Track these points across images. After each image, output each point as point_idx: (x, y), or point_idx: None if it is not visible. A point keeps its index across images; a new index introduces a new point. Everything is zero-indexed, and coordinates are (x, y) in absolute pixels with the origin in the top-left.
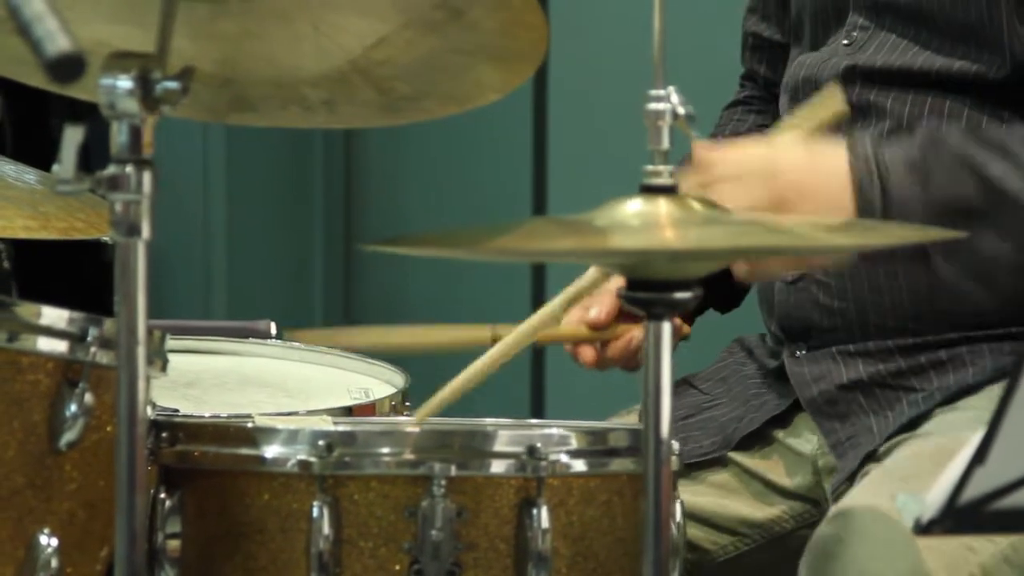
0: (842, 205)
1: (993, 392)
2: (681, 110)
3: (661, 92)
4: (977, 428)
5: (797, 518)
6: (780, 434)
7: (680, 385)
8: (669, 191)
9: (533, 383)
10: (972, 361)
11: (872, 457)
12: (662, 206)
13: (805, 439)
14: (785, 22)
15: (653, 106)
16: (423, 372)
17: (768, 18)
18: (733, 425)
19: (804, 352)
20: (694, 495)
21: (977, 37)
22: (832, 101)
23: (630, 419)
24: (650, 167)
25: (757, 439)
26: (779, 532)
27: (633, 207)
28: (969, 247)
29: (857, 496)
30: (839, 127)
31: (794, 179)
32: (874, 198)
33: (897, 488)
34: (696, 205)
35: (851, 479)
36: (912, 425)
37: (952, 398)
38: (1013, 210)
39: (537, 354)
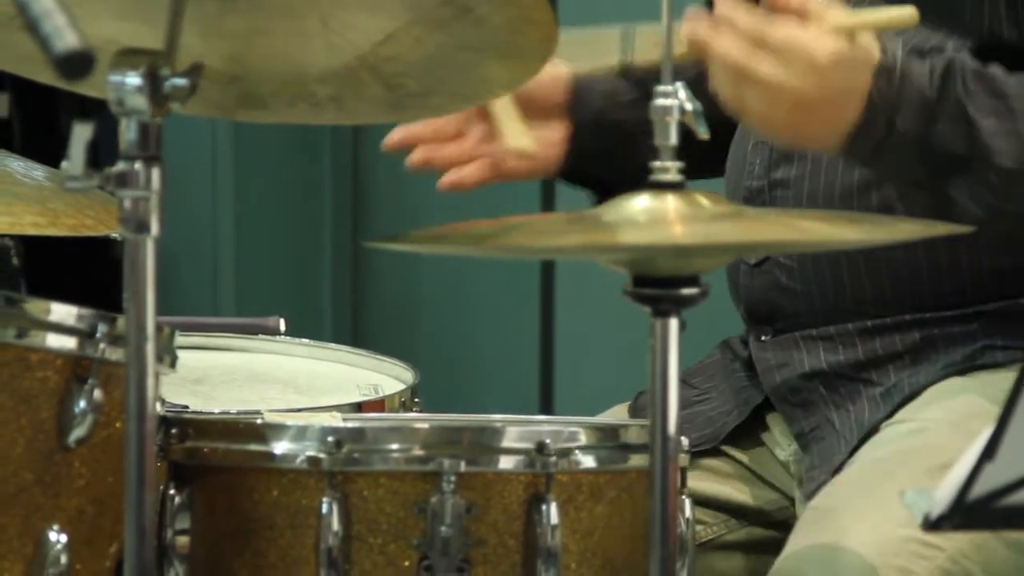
0: (849, 122)
1: (940, 389)
2: (689, 106)
3: (668, 88)
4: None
5: (784, 509)
6: (764, 436)
7: None
8: (677, 187)
9: (542, 378)
10: (926, 356)
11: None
12: (670, 202)
13: (781, 446)
14: None
15: (661, 102)
16: (433, 368)
17: None
18: (722, 420)
19: (769, 337)
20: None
21: (958, 10)
22: (906, 13)
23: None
24: (658, 163)
25: (746, 437)
26: (769, 519)
27: (641, 203)
28: (943, 196)
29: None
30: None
31: (829, 87)
32: (877, 128)
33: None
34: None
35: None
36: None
37: (904, 401)
38: (988, 168)
39: (546, 350)
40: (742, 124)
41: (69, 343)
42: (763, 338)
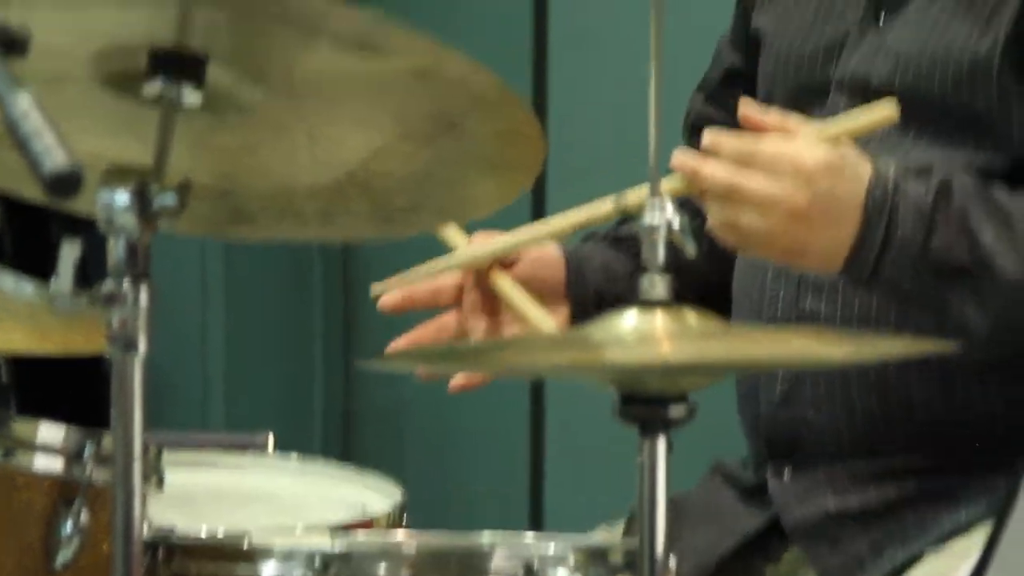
0: (847, 233)
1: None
2: (676, 223)
3: (656, 204)
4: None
5: None
6: (768, 569)
7: None
8: (666, 304)
9: (532, 492)
10: (967, 496)
11: None
12: (658, 319)
13: None
14: (731, 105)
15: (648, 221)
16: (422, 482)
17: (714, 99)
18: (710, 549)
19: (790, 471)
20: None
21: (980, 126)
22: (888, 110)
23: (616, 533)
24: (646, 280)
25: (741, 569)
26: None
27: (629, 321)
28: (950, 313)
29: None
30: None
31: (822, 195)
32: (876, 239)
33: None
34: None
35: None
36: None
37: (944, 537)
38: (993, 284)
39: (536, 464)
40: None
41: (56, 465)
42: (783, 472)
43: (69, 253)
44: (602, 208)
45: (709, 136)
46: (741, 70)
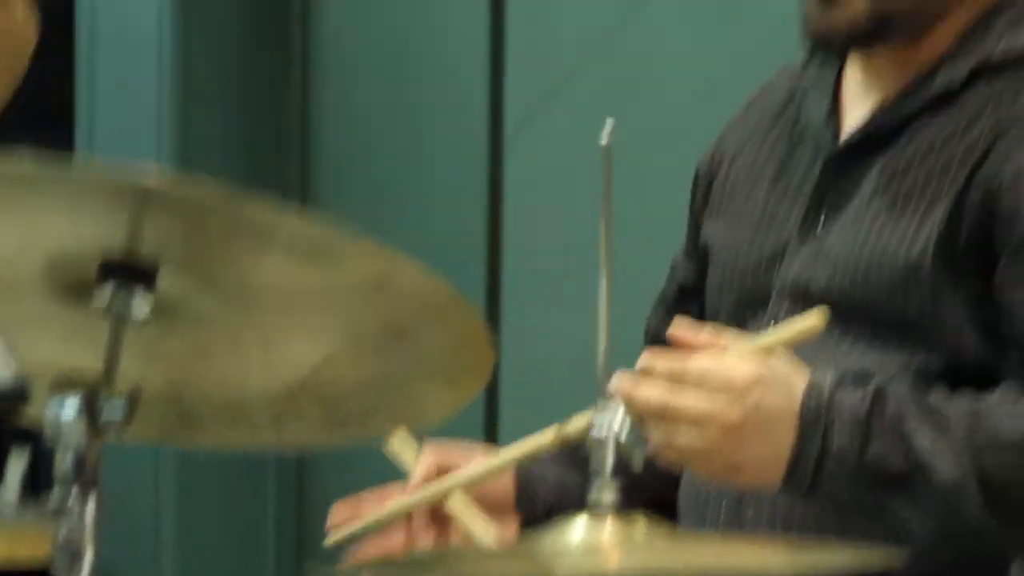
0: (784, 447)
1: None
2: (624, 435)
3: (605, 417)
4: None
5: None
6: None
7: None
8: (614, 513)
9: None
10: None
11: None
12: (607, 528)
13: None
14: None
15: (596, 434)
16: None
17: (671, 315)
18: None
19: None
20: None
21: (914, 330)
22: (814, 319)
23: None
24: (595, 489)
25: None
26: None
27: (577, 530)
28: (892, 520)
29: None
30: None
31: (754, 408)
32: (812, 451)
33: None
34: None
35: None
36: None
37: None
38: (932, 489)
39: None
40: (683, 470)
41: None
42: None
43: (17, 463)
44: (545, 438)
45: (642, 359)
46: (694, 283)
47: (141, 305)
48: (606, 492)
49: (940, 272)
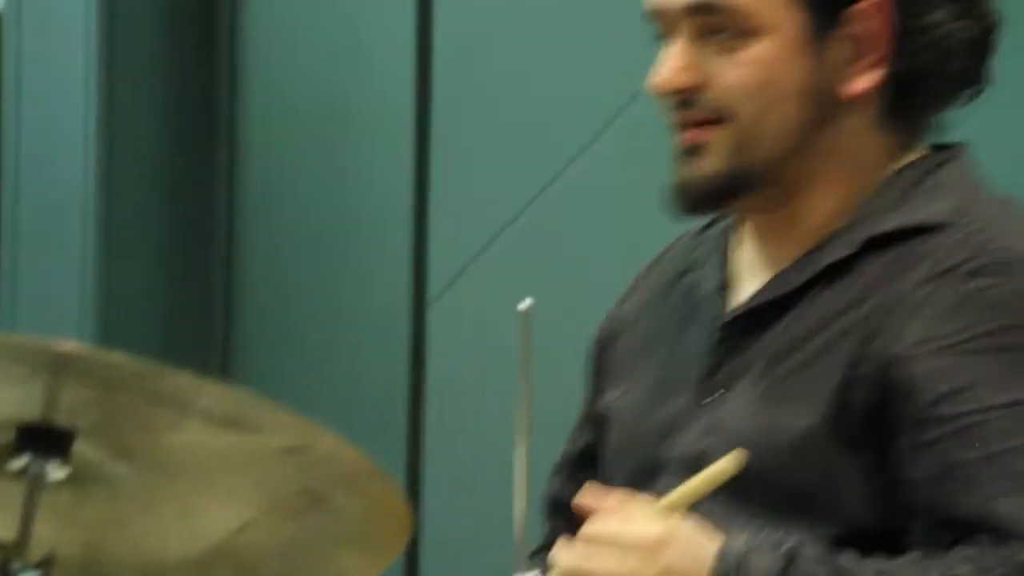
0: None
1: None
2: None
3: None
4: None
5: None
6: None
7: None
8: None
9: None
10: None
11: None
12: None
13: None
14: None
15: None
16: None
17: (571, 479)
18: None
19: None
20: None
21: (811, 501)
22: (730, 462)
23: None
24: None
25: None
26: None
27: None
28: None
29: None
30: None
31: (666, 568)
32: None
33: None
34: None
35: None
36: None
37: None
38: None
39: None
40: None
41: None
42: None
43: None
44: None
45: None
46: (592, 451)
47: (57, 470)
48: None
49: (833, 443)
